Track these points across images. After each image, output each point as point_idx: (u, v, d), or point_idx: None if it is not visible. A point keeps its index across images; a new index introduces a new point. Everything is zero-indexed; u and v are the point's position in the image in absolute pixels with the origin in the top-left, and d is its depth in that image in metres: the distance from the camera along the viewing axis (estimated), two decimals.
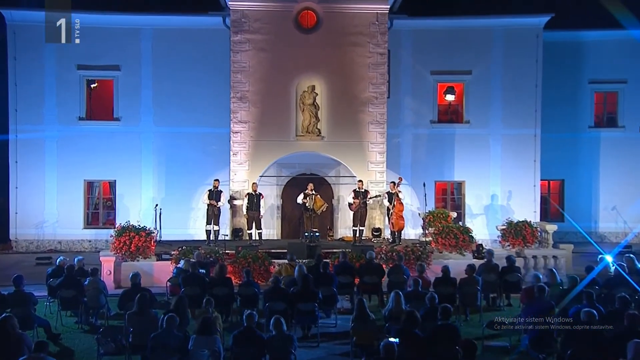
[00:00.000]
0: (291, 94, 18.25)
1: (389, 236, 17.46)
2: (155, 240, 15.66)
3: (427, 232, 16.87)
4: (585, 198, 21.85)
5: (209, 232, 16.83)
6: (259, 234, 16.97)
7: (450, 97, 20.54)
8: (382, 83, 18.39)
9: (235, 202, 17.90)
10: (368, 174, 18.26)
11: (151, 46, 19.99)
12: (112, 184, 20.44)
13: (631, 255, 12.84)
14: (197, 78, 19.81)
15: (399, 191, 16.89)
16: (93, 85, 20.40)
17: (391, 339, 8.22)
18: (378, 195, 17.78)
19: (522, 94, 20.42)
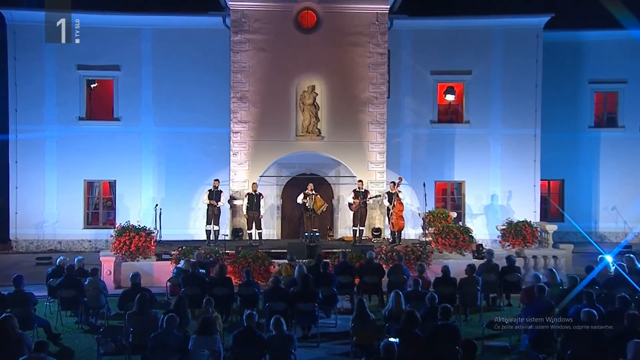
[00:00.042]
0: (291, 94, 18.24)
1: (389, 236, 17.44)
2: (155, 240, 15.66)
3: (427, 232, 16.86)
4: (585, 198, 21.84)
5: (209, 232, 16.82)
6: (259, 234, 16.96)
7: (450, 97, 20.54)
8: (382, 83, 18.38)
9: (235, 202, 17.89)
10: (368, 174, 18.25)
11: (151, 46, 19.97)
12: (112, 184, 20.43)
13: (631, 255, 12.83)
14: (197, 78, 19.79)
15: (399, 191, 16.88)
16: (93, 85, 20.39)
17: (391, 339, 8.21)
18: (378, 195, 17.76)
19: (522, 94, 20.40)
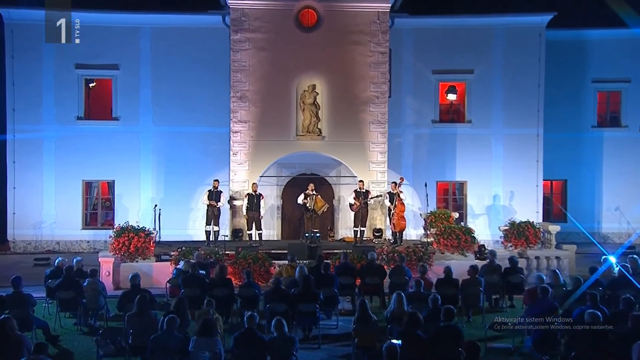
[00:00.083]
0: (291, 93, 18.15)
1: (390, 237, 17.35)
2: (154, 241, 15.61)
3: (429, 233, 16.75)
4: (588, 198, 21.74)
5: (209, 233, 16.72)
6: (259, 235, 16.86)
7: (452, 97, 20.48)
8: (383, 82, 18.29)
9: (235, 203, 17.80)
10: (369, 174, 18.16)
11: (150, 45, 19.85)
12: (111, 184, 20.31)
13: (635, 256, 12.73)
14: (197, 77, 19.68)
15: (401, 191, 16.78)
16: (92, 84, 20.30)
17: (394, 341, 8.13)
18: (379, 195, 17.66)
19: (525, 94, 20.29)
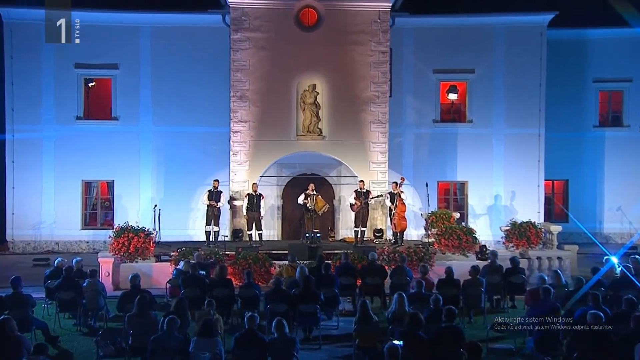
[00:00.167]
0: (292, 93, 18.10)
1: (391, 237, 17.29)
2: (154, 241, 15.55)
3: (430, 233, 16.69)
4: (589, 198, 21.67)
5: (209, 233, 16.67)
6: (259, 235, 16.81)
7: (452, 96, 20.43)
8: (384, 82, 18.25)
9: (235, 203, 17.75)
10: (370, 174, 18.11)
11: (150, 44, 19.79)
12: (111, 184, 20.25)
13: (637, 256, 12.75)
14: (197, 77, 19.62)
15: (401, 191, 16.71)
16: (91, 84, 20.26)
17: (395, 342, 8.11)
18: (379, 195, 17.60)
19: (526, 93, 20.23)
